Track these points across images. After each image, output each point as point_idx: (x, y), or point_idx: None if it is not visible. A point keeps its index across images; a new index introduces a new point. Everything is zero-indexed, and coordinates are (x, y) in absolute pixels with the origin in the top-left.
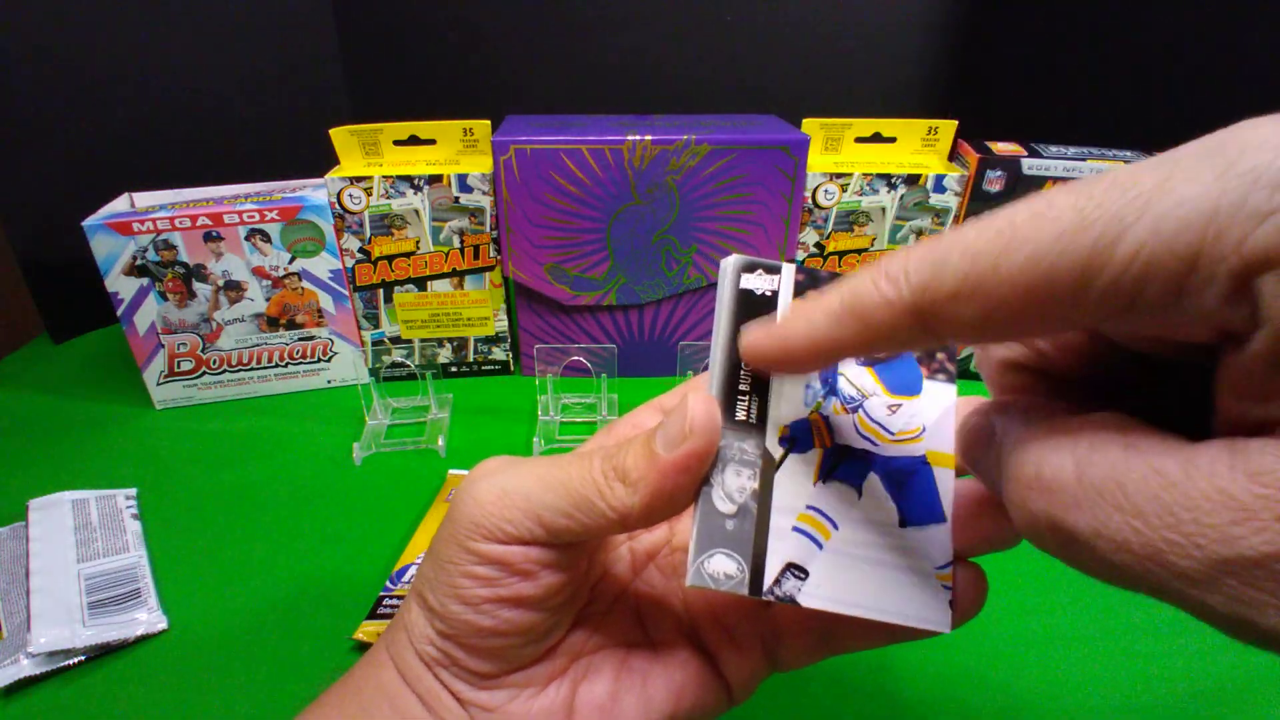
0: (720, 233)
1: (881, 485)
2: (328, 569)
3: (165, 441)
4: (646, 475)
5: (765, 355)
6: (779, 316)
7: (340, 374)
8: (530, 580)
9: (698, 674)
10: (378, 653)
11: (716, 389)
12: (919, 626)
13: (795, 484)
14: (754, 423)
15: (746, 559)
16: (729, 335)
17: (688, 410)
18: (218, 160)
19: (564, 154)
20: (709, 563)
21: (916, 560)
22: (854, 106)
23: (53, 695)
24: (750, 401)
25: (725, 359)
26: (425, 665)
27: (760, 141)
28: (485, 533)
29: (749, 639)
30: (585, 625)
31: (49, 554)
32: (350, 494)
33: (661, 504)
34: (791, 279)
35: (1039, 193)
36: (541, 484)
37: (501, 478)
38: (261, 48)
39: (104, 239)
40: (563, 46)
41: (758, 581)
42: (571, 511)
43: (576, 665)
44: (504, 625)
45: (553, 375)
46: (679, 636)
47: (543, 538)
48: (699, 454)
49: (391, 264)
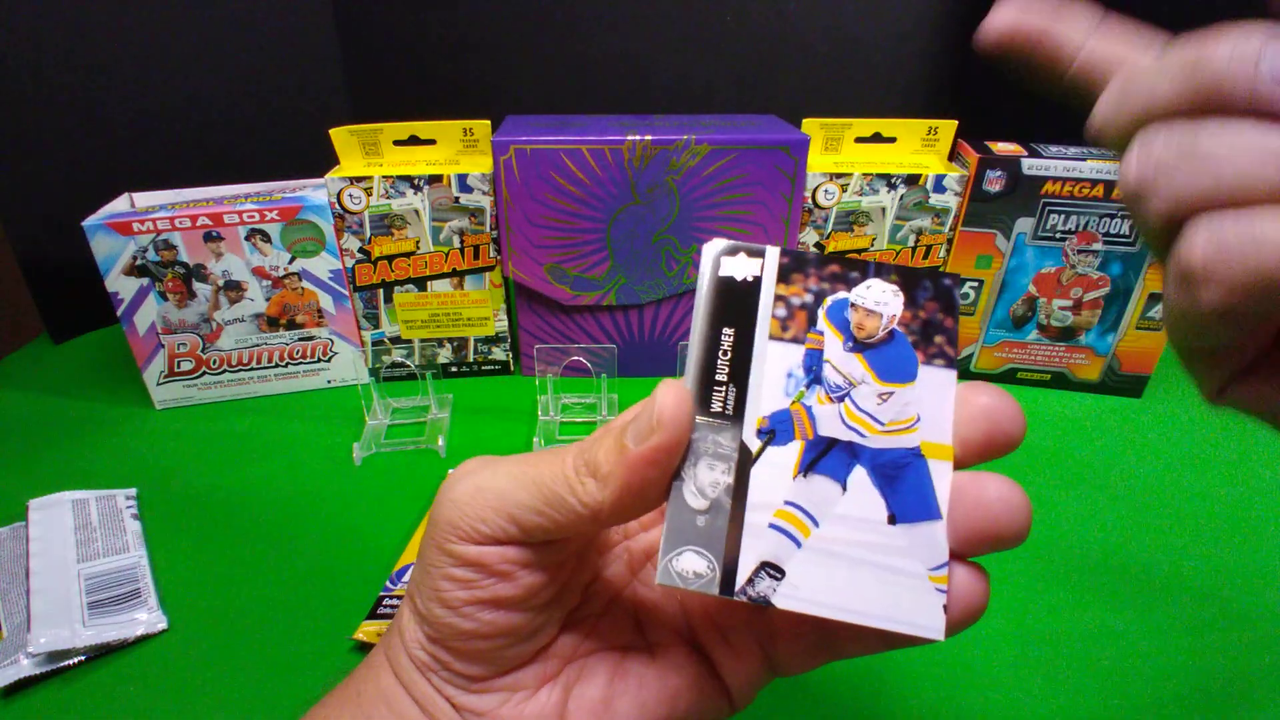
0: (720, 233)
1: (870, 479)
2: (328, 569)
3: (165, 441)
4: (615, 470)
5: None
6: (760, 303)
7: (340, 374)
8: (508, 581)
9: (695, 678)
10: (376, 656)
11: (691, 380)
12: (907, 632)
13: (773, 479)
14: (730, 414)
15: (718, 557)
16: (706, 324)
17: (655, 402)
18: (218, 160)
19: (564, 154)
20: (678, 560)
21: (906, 560)
22: (854, 106)
23: (53, 695)
24: (727, 392)
25: (702, 349)
26: (418, 670)
27: (760, 141)
28: (461, 534)
29: (746, 643)
30: (579, 627)
31: (49, 554)
32: (350, 494)
33: (631, 499)
34: (776, 264)
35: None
36: (515, 481)
37: (477, 477)
38: (261, 48)
39: (104, 239)
40: (562, 47)
41: (729, 581)
42: (543, 508)
43: (570, 668)
44: (486, 627)
45: (553, 375)
46: (676, 640)
47: (517, 536)
48: (666, 447)
49: (391, 264)
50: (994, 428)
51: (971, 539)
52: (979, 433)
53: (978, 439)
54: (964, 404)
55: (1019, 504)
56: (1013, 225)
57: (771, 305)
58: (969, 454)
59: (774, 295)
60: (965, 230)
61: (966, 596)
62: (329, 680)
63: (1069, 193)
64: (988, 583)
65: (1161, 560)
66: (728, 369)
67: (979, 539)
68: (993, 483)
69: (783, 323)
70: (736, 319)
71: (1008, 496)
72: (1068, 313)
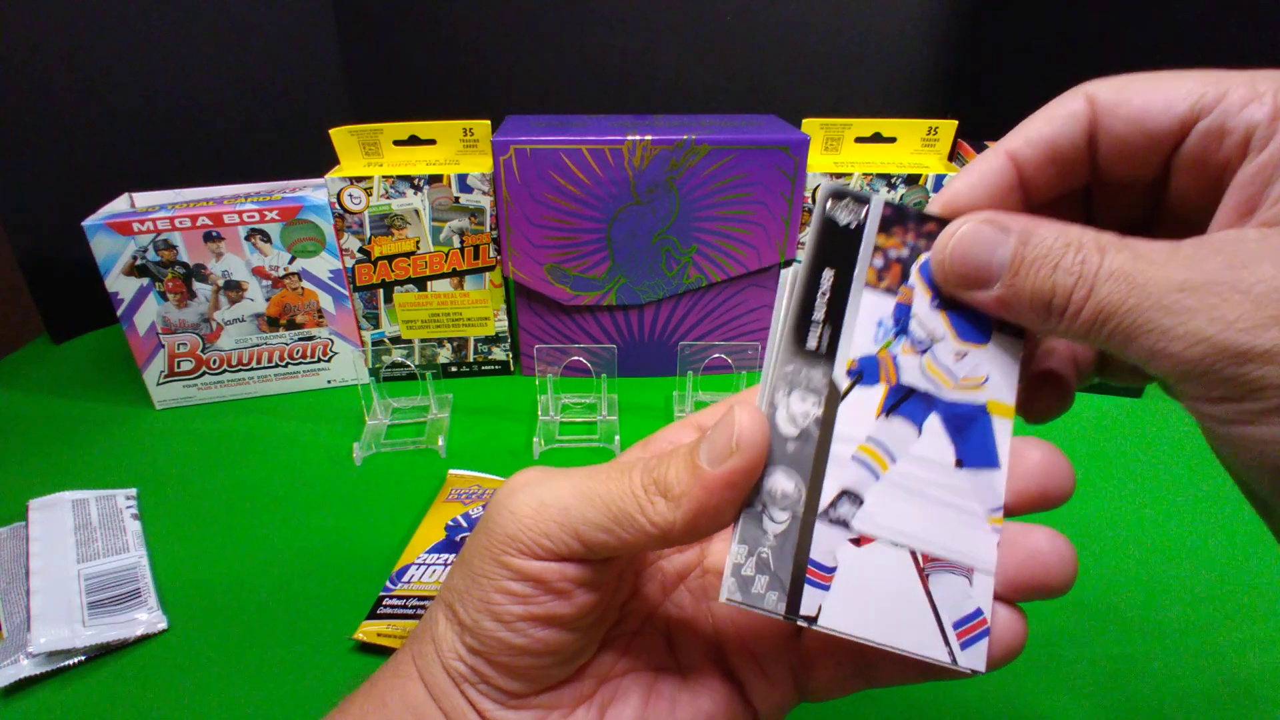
0: (720, 233)
1: (942, 426)
2: (328, 569)
3: (165, 441)
4: (690, 490)
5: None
6: (861, 250)
7: (340, 374)
8: (565, 599)
9: (726, 701)
10: (404, 664)
11: (790, 314)
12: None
13: (858, 415)
14: (824, 354)
15: (805, 479)
16: (810, 263)
17: (735, 423)
18: (218, 160)
19: (564, 154)
20: (767, 481)
21: (968, 500)
22: (854, 106)
23: (53, 695)
24: (823, 331)
25: (804, 287)
26: (453, 681)
27: (760, 141)
28: (522, 547)
29: (779, 669)
30: (614, 646)
31: (49, 554)
32: (350, 494)
33: (705, 520)
34: (879, 214)
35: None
36: (580, 497)
37: (538, 490)
38: (261, 48)
39: (104, 239)
40: (562, 47)
41: (813, 503)
42: (611, 526)
43: (605, 688)
44: (536, 644)
45: (553, 375)
46: (708, 662)
47: (580, 553)
48: (745, 469)
49: (391, 264)
50: (1048, 482)
51: (1020, 586)
52: (1033, 487)
53: (1031, 493)
54: (1019, 458)
55: (1068, 556)
56: None
57: (871, 254)
58: (1021, 505)
59: (874, 244)
60: None
61: (1007, 635)
62: (329, 680)
63: None
64: (1026, 625)
65: (1162, 560)
66: (825, 309)
67: (1028, 586)
68: (1044, 535)
69: (879, 272)
70: (838, 261)
71: (1059, 548)
72: None
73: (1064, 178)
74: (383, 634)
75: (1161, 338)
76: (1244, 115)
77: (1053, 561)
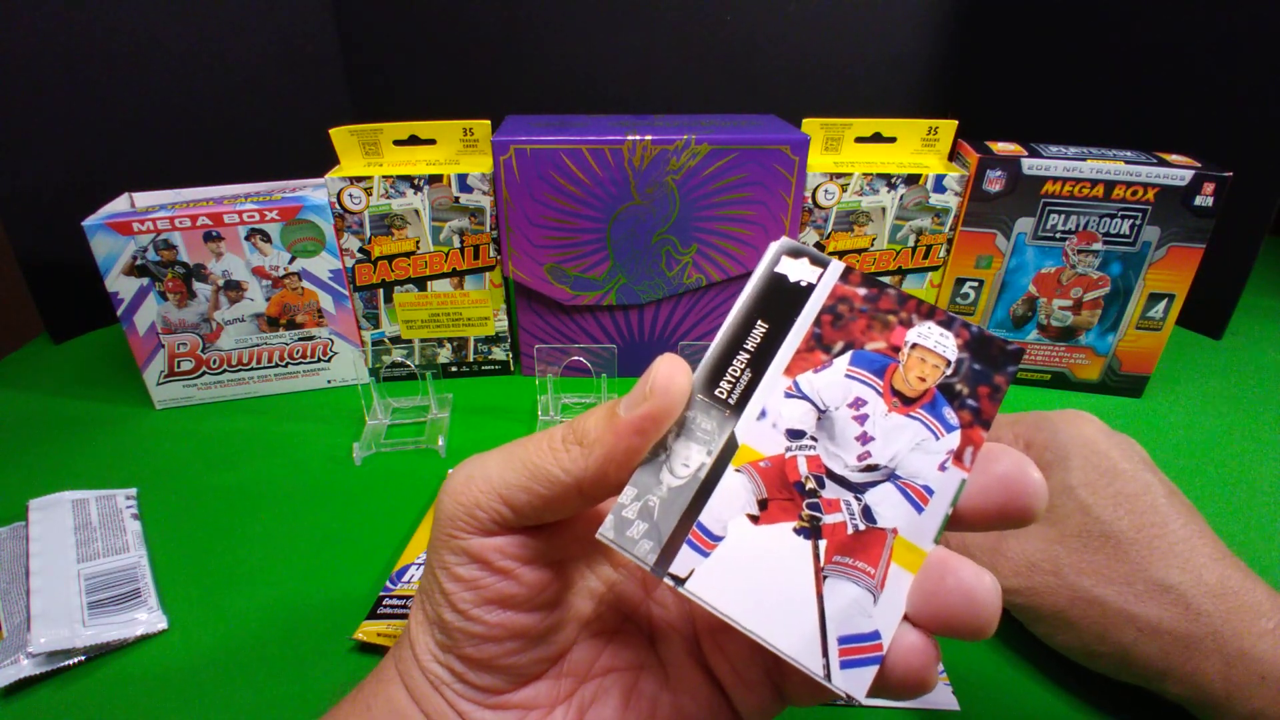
0: (720, 233)
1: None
2: (328, 569)
3: (165, 441)
4: (603, 437)
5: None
6: (805, 312)
7: (340, 374)
8: (510, 579)
9: (708, 702)
10: (387, 669)
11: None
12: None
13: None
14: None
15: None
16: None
17: (651, 371)
18: (218, 160)
19: (564, 154)
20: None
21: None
22: (854, 106)
23: (53, 695)
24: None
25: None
26: (431, 685)
27: (760, 141)
28: (459, 525)
29: (754, 674)
30: (593, 643)
31: (49, 554)
32: (350, 494)
33: (614, 467)
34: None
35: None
36: (503, 463)
37: (469, 466)
38: (261, 48)
39: (104, 239)
40: (563, 47)
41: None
42: (529, 484)
43: (585, 688)
44: (496, 630)
45: (553, 375)
46: (690, 662)
47: (510, 519)
48: (655, 415)
49: (391, 264)
50: (1010, 500)
51: (933, 617)
52: (993, 504)
53: (991, 509)
54: (981, 471)
55: (991, 593)
56: (1013, 225)
57: (814, 320)
58: (979, 522)
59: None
60: (965, 230)
61: (913, 663)
62: (329, 680)
63: (1069, 193)
64: (936, 658)
65: None
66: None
67: (939, 619)
68: (970, 569)
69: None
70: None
71: (985, 584)
72: (1068, 313)
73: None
74: (383, 634)
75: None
76: None
77: (978, 597)
